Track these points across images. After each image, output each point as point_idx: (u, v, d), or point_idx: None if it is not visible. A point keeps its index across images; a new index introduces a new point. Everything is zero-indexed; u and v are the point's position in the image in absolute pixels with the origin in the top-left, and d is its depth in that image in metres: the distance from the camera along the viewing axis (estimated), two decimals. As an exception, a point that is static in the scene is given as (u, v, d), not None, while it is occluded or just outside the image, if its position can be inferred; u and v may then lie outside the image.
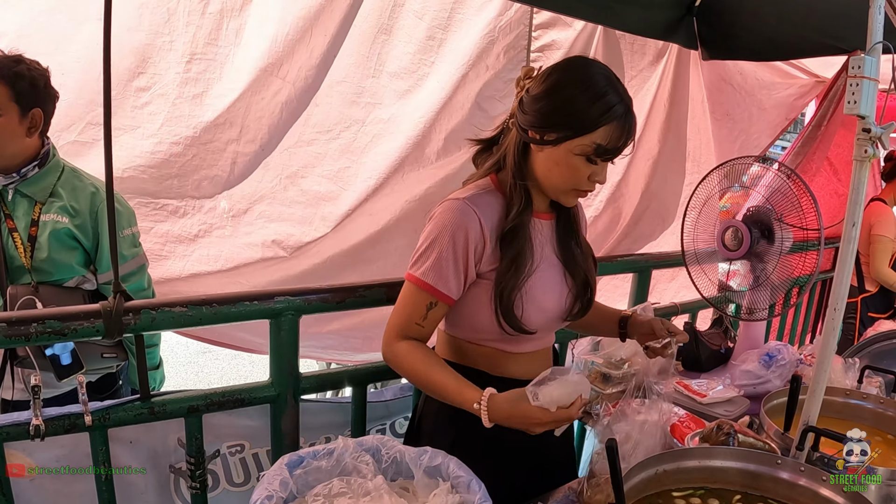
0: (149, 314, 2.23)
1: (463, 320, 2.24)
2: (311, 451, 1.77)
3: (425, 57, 3.61)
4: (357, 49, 3.49)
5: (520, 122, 2.11)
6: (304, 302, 2.49)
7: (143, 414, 2.34)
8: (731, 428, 2.17)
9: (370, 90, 3.56)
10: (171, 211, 3.42)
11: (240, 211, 3.51)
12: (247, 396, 2.48)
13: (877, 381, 2.86)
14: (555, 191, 2.16)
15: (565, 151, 2.03)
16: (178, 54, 3.24)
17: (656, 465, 1.89)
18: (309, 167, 3.62)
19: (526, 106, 2.08)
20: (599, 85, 2.00)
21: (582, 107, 1.98)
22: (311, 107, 3.47)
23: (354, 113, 3.57)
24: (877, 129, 1.85)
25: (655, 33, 4.35)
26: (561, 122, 2.01)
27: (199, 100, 3.31)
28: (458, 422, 2.11)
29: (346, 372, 2.72)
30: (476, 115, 3.87)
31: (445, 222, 2.08)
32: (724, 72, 5.01)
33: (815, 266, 2.93)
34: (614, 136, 2.01)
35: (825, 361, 1.98)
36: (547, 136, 2.04)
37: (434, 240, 2.09)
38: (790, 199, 2.95)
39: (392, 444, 1.81)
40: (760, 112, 5.42)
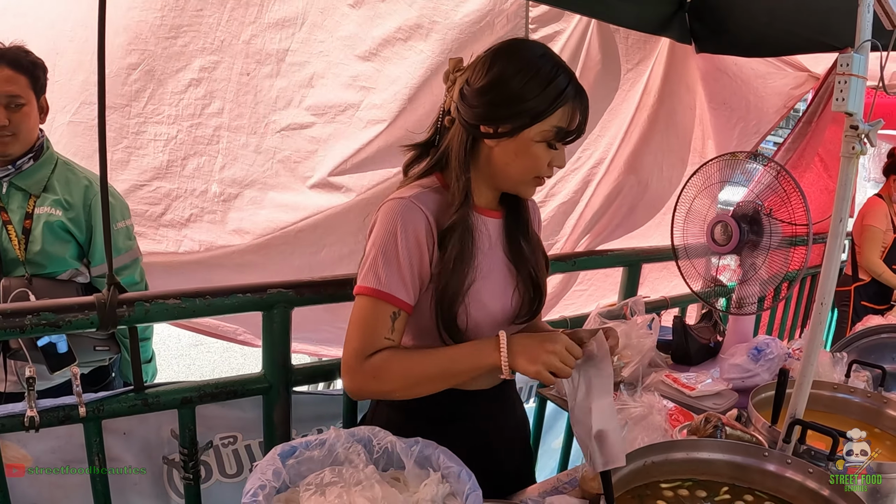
0: (142, 306, 2.25)
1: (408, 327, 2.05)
2: (303, 442, 1.77)
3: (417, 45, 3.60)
4: (353, 31, 3.48)
5: (465, 117, 1.98)
6: (296, 294, 2.50)
7: (137, 405, 2.36)
8: (718, 420, 2.19)
9: (365, 74, 3.55)
10: (165, 193, 3.41)
11: (230, 196, 3.50)
12: (239, 388, 2.50)
13: (864, 375, 2.87)
14: (514, 183, 2.06)
15: (524, 140, 1.94)
16: (166, 28, 3.23)
17: (644, 457, 1.91)
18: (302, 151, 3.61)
19: (471, 100, 1.96)
20: (547, 67, 1.92)
21: (535, 92, 1.89)
22: (305, 88, 3.47)
23: (349, 97, 3.56)
24: (864, 125, 1.87)
25: (649, 28, 4.35)
26: (516, 112, 1.91)
27: (183, 75, 3.31)
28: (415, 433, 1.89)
29: (337, 363, 2.71)
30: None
31: (393, 224, 1.93)
32: (720, 62, 5.02)
33: (804, 261, 2.95)
34: (572, 117, 1.95)
35: (812, 355, 1.99)
36: (501, 127, 1.94)
37: (383, 244, 1.93)
38: (779, 194, 2.97)
39: (383, 435, 1.81)
40: (757, 99, 5.44)
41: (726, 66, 5.10)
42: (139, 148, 3.31)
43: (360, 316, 1.95)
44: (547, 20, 4.01)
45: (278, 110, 3.47)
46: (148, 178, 3.37)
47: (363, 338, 1.93)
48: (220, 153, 3.41)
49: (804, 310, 5.99)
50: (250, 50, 3.34)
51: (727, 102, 5.25)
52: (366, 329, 1.93)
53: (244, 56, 3.34)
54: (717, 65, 5.03)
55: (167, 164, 3.35)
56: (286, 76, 3.43)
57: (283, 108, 3.47)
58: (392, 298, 1.93)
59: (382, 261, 1.92)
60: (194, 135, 3.37)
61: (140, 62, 3.21)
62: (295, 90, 3.46)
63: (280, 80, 3.43)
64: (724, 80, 5.10)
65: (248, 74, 3.35)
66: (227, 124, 3.40)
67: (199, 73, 3.30)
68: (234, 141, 3.43)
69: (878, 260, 6.28)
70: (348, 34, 3.46)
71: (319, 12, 3.36)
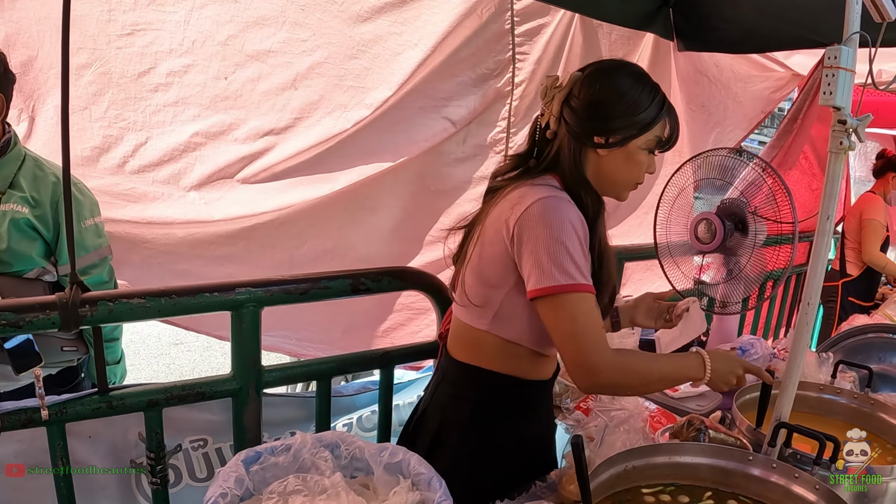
0: (106, 305, 2.19)
1: (519, 323, 2.16)
2: (268, 447, 1.73)
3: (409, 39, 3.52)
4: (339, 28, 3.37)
5: (577, 129, 2.12)
6: (265, 293, 2.45)
7: (102, 408, 2.29)
8: (701, 423, 2.16)
9: (354, 72, 3.45)
10: (141, 194, 3.30)
11: (211, 199, 3.40)
12: (208, 390, 2.44)
13: (850, 375, 2.86)
14: (617, 188, 2.24)
15: (632, 149, 2.14)
16: (117, 25, 3.04)
17: (625, 461, 1.87)
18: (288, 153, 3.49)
19: (583, 113, 2.11)
20: (650, 85, 2.15)
21: (643, 107, 2.10)
22: (290, 90, 3.37)
23: (338, 97, 3.47)
24: (852, 120, 1.83)
25: (633, 23, 4.32)
26: (627, 124, 2.10)
27: (147, 78, 3.15)
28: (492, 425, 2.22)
29: (309, 365, 2.68)
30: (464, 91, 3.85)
31: (560, 219, 2.00)
32: (700, 63, 4.99)
33: (789, 259, 2.91)
34: (670, 127, 2.18)
35: (798, 356, 1.96)
36: (612, 138, 2.11)
37: (565, 240, 1.98)
38: (764, 191, 2.92)
39: (352, 440, 1.77)
40: (736, 105, 5.42)
41: (706, 69, 5.07)
42: (107, 150, 3.19)
43: (583, 312, 1.99)
44: (531, 13, 3.94)
45: (261, 115, 3.36)
46: (121, 179, 3.24)
47: (598, 332, 2.01)
48: (199, 161, 3.31)
49: (789, 309, 5.98)
50: (227, 52, 3.22)
51: (705, 105, 5.23)
52: (596, 324, 2.01)
53: (221, 58, 3.22)
54: (697, 66, 4.99)
55: (139, 168, 3.22)
56: (268, 79, 3.32)
57: (265, 113, 3.36)
58: (591, 290, 2.02)
59: (570, 256, 1.98)
60: (166, 143, 3.24)
61: (91, 62, 3.04)
62: (278, 93, 3.37)
63: (262, 83, 3.33)
64: (704, 82, 5.08)
65: (225, 78, 3.25)
66: (204, 132, 3.28)
67: (167, 77, 3.17)
68: (213, 148, 3.33)
69: (880, 252, 6.35)
70: (334, 31, 3.37)
71: (300, 10, 3.27)
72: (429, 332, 3.78)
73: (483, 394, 2.23)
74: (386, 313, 4.03)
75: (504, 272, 2.09)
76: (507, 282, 2.10)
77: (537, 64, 4.03)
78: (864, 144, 8.15)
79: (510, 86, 4.01)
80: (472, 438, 2.24)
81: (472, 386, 2.25)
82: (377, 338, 4.00)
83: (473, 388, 2.25)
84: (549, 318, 2.00)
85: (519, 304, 2.11)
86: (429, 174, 3.94)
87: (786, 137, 4.98)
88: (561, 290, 1.96)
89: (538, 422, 2.34)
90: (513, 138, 4.10)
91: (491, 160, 4.08)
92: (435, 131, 3.81)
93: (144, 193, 3.24)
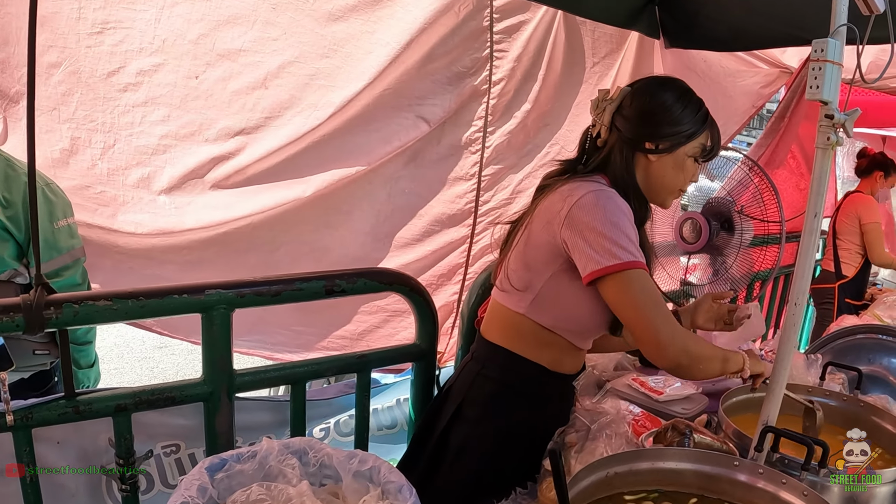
0: (71, 308, 2.12)
1: (557, 309, 2.27)
2: (234, 454, 1.68)
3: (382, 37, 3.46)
4: (311, 27, 3.32)
5: (630, 136, 2.26)
6: (236, 295, 2.38)
7: (68, 413, 2.23)
8: (686, 428, 2.10)
9: (325, 71, 3.40)
10: (111, 198, 3.24)
11: (182, 203, 3.34)
12: (178, 394, 2.38)
13: (840, 377, 2.84)
14: (664, 194, 2.37)
15: (680, 156, 2.29)
16: (87, 23, 2.97)
17: (607, 468, 1.81)
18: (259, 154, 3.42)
19: (636, 121, 2.26)
20: (696, 98, 2.32)
21: (691, 116, 2.28)
22: (260, 90, 3.31)
23: (308, 96, 3.41)
24: (840, 115, 1.79)
25: (617, 21, 4.28)
26: (676, 131, 2.25)
27: (116, 78, 3.08)
28: (513, 409, 2.33)
29: (283, 369, 2.62)
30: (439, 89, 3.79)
31: (614, 205, 2.12)
32: (689, 59, 4.95)
33: (777, 259, 2.87)
34: (714, 137, 2.36)
35: (786, 358, 1.93)
36: (662, 144, 2.26)
37: (616, 222, 2.09)
38: (752, 191, 2.89)
39: (320, 446, 1.71)
40: (726, 99, 5.39)
41: (695, 64, 5.04)
42: (75, 153, 3.12)
43: (647, 288, 2.11)
44: (511, 10, 3.89)
45: (231, 114, 3.30)
46: (91, 182, 3.18)
47: (665, 308, 2.14)
48: (168, 163, 3.25)
49: (777, 310, 5.94)
50: (198, 51, 3.16)
51: (695, 101, 5.12)
52: (660, 297, 2.14)
53: (191, 58, 3.16)
54: (685, 62, 4.95)
55: (108, 172, 3.15)
56: (238, 78, 3.27)
57: (236, 113, 3.30)
58: (649, 270, 2.18)
59: (627, 236, 2.09)
60: (135, 145, 3.18)
61: (60, 61, 2.98)
62: (248, 92, 3.31)
63: (232, 82, 3.27)
64: (693, 78, 4.94)
65: (196, 78, 3.19)
66: (174, 133, 3.22)
67: (136, 76, 3.11)
68: (183, 150, 3.26)
69: (888, 252, 6.45)
70: (305, 30, 3.31)
71: (272, 8, 3.22)
72: (406, 335, 3.76)
73: (509, 376, 2.34)
74: (362, 316, 3.96)
75: (549, 258, 2.20)
76: (550, 268, 2.21)
77: (517, 62, 3.98)
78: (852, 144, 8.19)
79: (487, 84, 3.96)
80: (491, 418, 2.34)
81: (499, 367, 2.35)
82: (353, 341, 3.94)
83: (500, 370, 2.35)
84: (616, 295, 2.10)
85: (559, 290, 2.23)
86: (403, 176, 3.89)
87: (773, 136, 4.96)
88: (625, 267, 2.05)
89: (558, 414, 2.35)
90: (490, 137, 4.05)
91: (466, 160, 4.04)
92: (409, 131, 3.76)
93: (114, 197, 3.19)
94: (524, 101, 4.12)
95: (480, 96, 3.97)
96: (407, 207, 3.99)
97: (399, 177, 3.87)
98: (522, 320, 2.29)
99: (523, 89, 4.10)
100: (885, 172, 6.54)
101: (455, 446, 2.37)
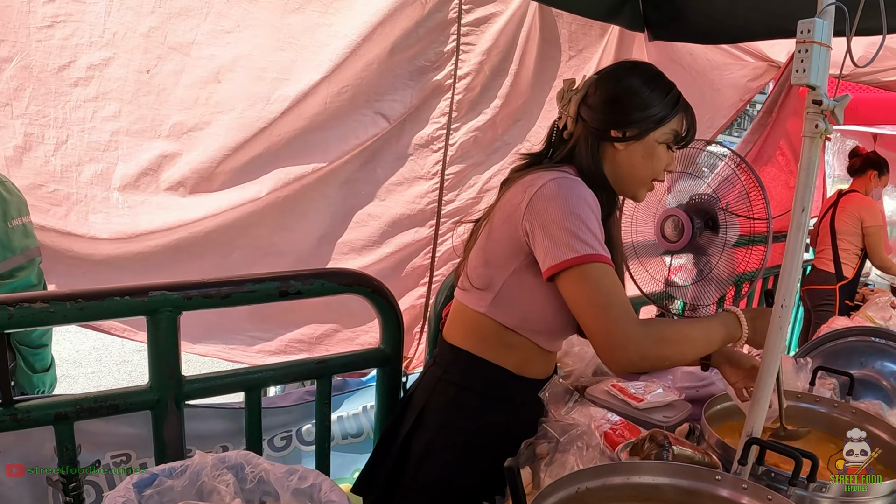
0: (5, 311, 2.02)
1: (520, 308, 2.16)
2: (165, 469, 1.57)
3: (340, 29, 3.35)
4: (265, 19, 3.21)
5: (595, 124, 2.18)
6: (183, 297, 2.29)
7: (6, 421, 2.13)
8: (665, 439, 1.97)
9: (279, 64, 3.28)
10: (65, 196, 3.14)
11: (135, 203, 3.23)
12: (122, 402, 2.27)
13: (830, 382, 2.74)
14: (635, 184, 2.26)
15: (650, 143, 2.18)
16: (37, 17, 2.89)
17: (577, 483, 1.69)
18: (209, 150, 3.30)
19: (601, 108, 2.17)
20: (665, 80, 2.22)
21: (659, 100, 2.16)
22: (213, 84, 3.19)
23: (260, 89, 3.29)
24: (829, 101, 1.68)
25: (596, 14, 4.16)
26: (643, 117, 2.15)
27: (67, 73, 2.99)
28: (477, 415, 2.22)
29: (236, 375, 2.52)
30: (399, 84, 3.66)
31: (576, 195, 2.02)
32: (674, 52, 4.85)
33: (763, 259, 2.76)
34: (688, 122, 2.25)
35: (771, 365, 1.81)
36: (630, 131, 2.15)
37: (578, 213, 1.98)
38: (738, 187, 2.79)
39: (257, 461, 1.61)
40: (713, 92, 5.32)
41: (680, 57, 4.95)
42: (29, 150, 3.03)
43: (605, 284, 1.97)
44: (482, 0, 3.77)
45: (184, 109, 3.20)
46: (44, 180, 3.10)
47: (624, 302, 1.98)
48: (121, 160, 3.15)
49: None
50: (149, 44, 3.06)
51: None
52: (620, 293, 2.00)
53: (142, 51, 3.06)
54: (670, 55, 4.85)
55: (62, 169, 3.07)
56: (191, 72, 3.16)
57: (188, 108, 3.20)
58: (612, 264, 2.02)
59: (588, 228, 1.98)
60: (87, 141, 3.08)
61: (12, 56, 2.88)
62: (202, 86, 3.20)
63: (185, 76, 3.16)
64: (678, 71, 4.90)
65: (147, 72, 3.09)
66: (125, 129, 3.12)
67: (87, 71, 3.01)
68: (135, 146, 3.16)
69: (889, 257, 6.46)
70: (259, 22, 3.22)
71: (225, 0, 3.12)
72: (368, 339, 3.66)
73: (471, 380, 2.24)
74: (321, 319, 3.85)
75: (510, 254, 2.10)
76: (511, 264, 2.11)
77: (485, 55, 3.85)
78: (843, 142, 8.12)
79: (452, 79, 3.83)
80: (453, 425, 2.25)
81: (461, 371, 2.25)
82: (311, 345, 3.81)
83: (462, 374, 2.25)
84: (572, 292, 1.98)
85: (522, 288, 2.13)
86: (360, 176, 3.78)
87: (761, 131, 4.89)
88: (582, 261, 1.95)
89: (530, 419, 2.24)
90: (454, 135, 3.93)
91: (427, 159, 3.91)
92: (367, 128, 3.64)
93: (67, 196, 3.11)
94: (493, 97, 3.99)
95: (444, 92, 3.85)
96: (364, 208, 3.87)
97: (356, 177, 3.77)
98: (484, 320, 2.20)
99: (492, 84, 3.97)
100: (878, 171, 6.49)
101: (417, 454, 2.26)
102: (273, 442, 3.31)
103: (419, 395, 2.35)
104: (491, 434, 2.22)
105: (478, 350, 2.22)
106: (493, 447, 2.14)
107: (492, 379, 2.22)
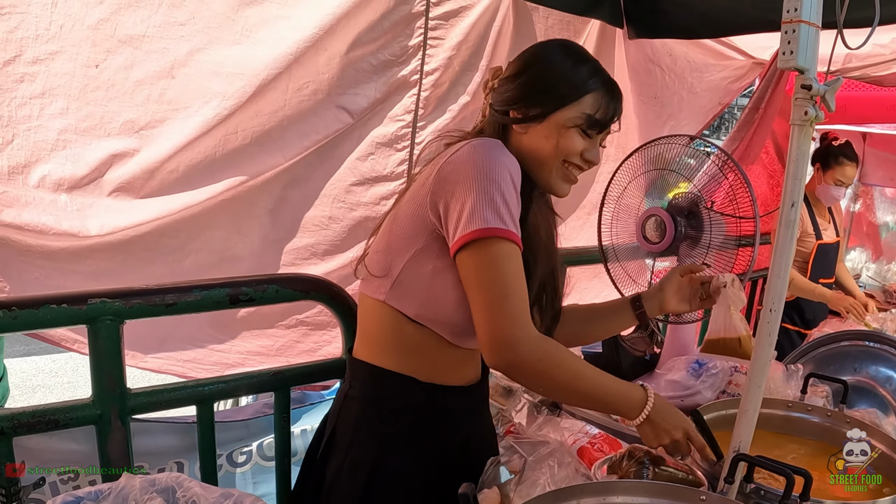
0: (-74, 320, 1.91)
1: (422, 294, 1.93)
2: (91, 492, 1.48)
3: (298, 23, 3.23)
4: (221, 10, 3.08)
5: (496, 105, 2.04)
6: (124, 305, 2.16)
7: (-64, 435, 2.02)
8: (644, 455, 1.87)
9: (235, 58, 3.15)
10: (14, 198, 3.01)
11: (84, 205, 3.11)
12: (62, 417, 2.14)
13: (823, 390, 2.64)
14: (543, 173, 2.03)
15: (554, 124, 1.96)
16: None
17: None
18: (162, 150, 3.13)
19: (501, 87, 2.04)
20: (573, 56, 2.02)
21: (566, 73, 1.97)
22: (166, 79, 3.05)
23: (216, 85, 3.14)
24: (819, 85, 1.57)
25: (575, 8, 4.06)
26: (546, 93, 1.97)
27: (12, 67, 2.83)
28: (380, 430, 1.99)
29: (186, 388, 2.39)
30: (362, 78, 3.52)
31: (495, 158, 1.82)
32: (652, 52, 4.76)
33: (751, 260, 2.66)
34: (603, 106, 1.98)
35: (759, 373, 1.69)
36: (531, 111, 1.97)
37: (493, 178, 1.78)
38: (723, 185, 2.77)
39: (189, 484, 1.50)
40: (691, 96, 5.20)
41: (659, 58, 4.85)
42: (-27, 150, 2.91)
43: (507, 269, 1.78)
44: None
45: (135, 106, 3.05)
46: (-9, 182, 2.98)
47: (524, 298, 1.80)
48: (69, 160, 3.00)
49: (755, 317, 5.75)
50: (98, 37, 2.91)
51: (658, 97, 5.00)
52: (521, 286, 1.80)
53: (91, 44, 2.91)
54: (648, 55, 4.77)
55: (8, 170, 2.93)
56: (142, 66, 3.01)
57: (140, 104, 3.05)
58: (521, 246, 1.82)
59: (504, 198, 1.78)
60: (34, 140, 2.94)
61: None
62: (153, 82, 3.06)
63: (136, 71, 3.01)
64: (657, 72, 4.85)
65: (96, 66, 2.95)
66: (73, 126, 2.97)
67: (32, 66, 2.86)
68: (83, 145, 3.01)
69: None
70: (214, 14, 3.09)
71: None
72: (330, 349, 3.53)
73: (369, 392, 2.03)
74: (279, 329, 3.70)
75: (410, 234, 1.90)
76: (412, 245, 1.90)
77: (454, 50, 3.71)
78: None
79: (418, 74, 3.69)
80: (361, 444, 2.01)
81: (361, 384, 2.05)
82: (270, 357, 3.66)
83: (362, 386, 2.04)
84: (470, 269, 1.78)
85: (421, 272, 1.90)
86: (318, 176, 3.63)
87: (746, 129, 4.79)
88: (489, 234, 1.74)
89: (449, 439, 2.08)
90: (420, 133, 3.78)
91: (391, 158, 3.76)
92: (329, 123, 3.49)
93: (17, 198, 2.97)
94: (462, 94, 3.84)
95: (410, 88, 3.71)
96: (324, 211, 3.72)
97: (314, 177, 3.64)
98: (384, 310, 1.97)
99: (461, 80, 3.83)
100: (823, 165, 5.29)
101: (330, 477, 2.05)
102: (233, 457, 3.19)
103: (331, 414, 2.17)
104: (399, 453, 2.00)
105: (377, 359, 2.01)
106: (406, 467, 2.00)
107: (393, 389, 2.00)
